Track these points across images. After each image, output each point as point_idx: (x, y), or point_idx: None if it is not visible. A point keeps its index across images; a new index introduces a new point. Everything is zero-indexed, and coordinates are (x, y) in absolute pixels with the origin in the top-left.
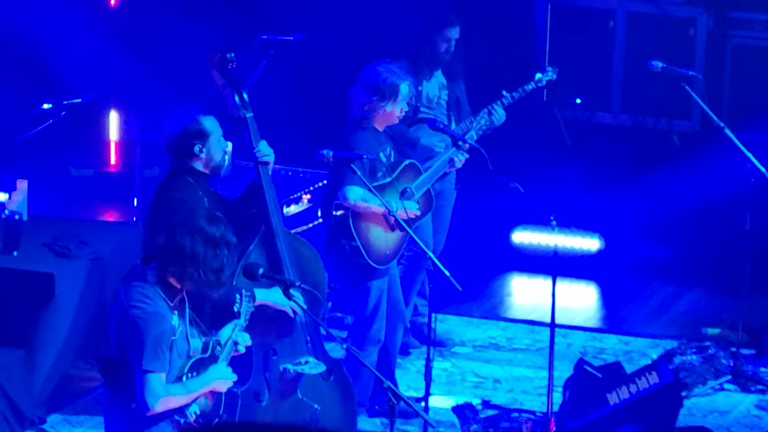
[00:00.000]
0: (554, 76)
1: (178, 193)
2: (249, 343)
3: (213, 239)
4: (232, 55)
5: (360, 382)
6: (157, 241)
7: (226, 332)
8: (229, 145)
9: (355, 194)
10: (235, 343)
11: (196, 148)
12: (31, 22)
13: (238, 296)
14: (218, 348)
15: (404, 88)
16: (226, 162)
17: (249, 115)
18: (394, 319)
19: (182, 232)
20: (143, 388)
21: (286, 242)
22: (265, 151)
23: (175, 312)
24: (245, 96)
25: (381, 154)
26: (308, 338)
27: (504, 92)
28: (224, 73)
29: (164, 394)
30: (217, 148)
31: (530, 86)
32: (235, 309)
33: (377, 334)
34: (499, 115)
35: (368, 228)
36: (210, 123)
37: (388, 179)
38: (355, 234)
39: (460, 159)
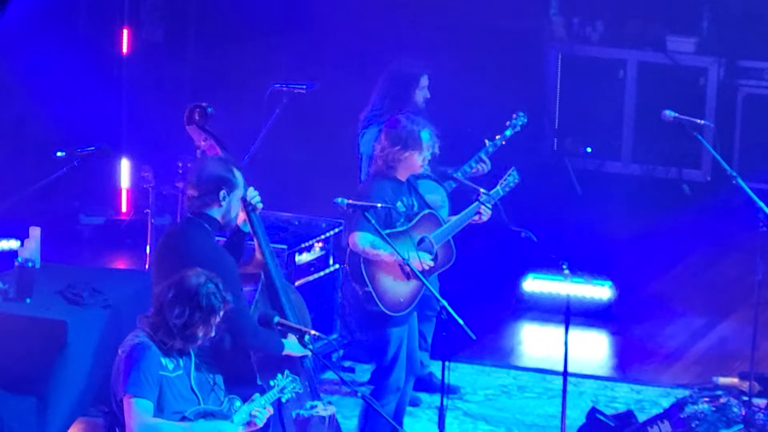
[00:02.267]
0: (525, 119)
1: (196, 241)
2: (267, 416)
3: (185, 293)
4: (212, 109)
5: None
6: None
7: (248, 404)
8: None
9: (365, 240)
10: (252, 416)
11: (222, 194)
12: (44, 69)
13: (280, 375)
14: (236, 404)
15: (426, 136)
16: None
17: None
18: (407, 370)
19: (168, 281)
20: (129, 414)
21: (284, 288)
22: (253, 195)
23: (173, 358)
24: (228, 150)
25: (399, 203)
26: (307, 383)
27: (486, 141)
28: (205, 128)
29: (152, 423)
30: (236, 204)
31: (509, 132)
32: (272, 383)
33: (396, 383)
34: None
35: (381, 275)
36: (240, 178)
37: (405, 228)
38: (367, 280)
39: (487, 212)
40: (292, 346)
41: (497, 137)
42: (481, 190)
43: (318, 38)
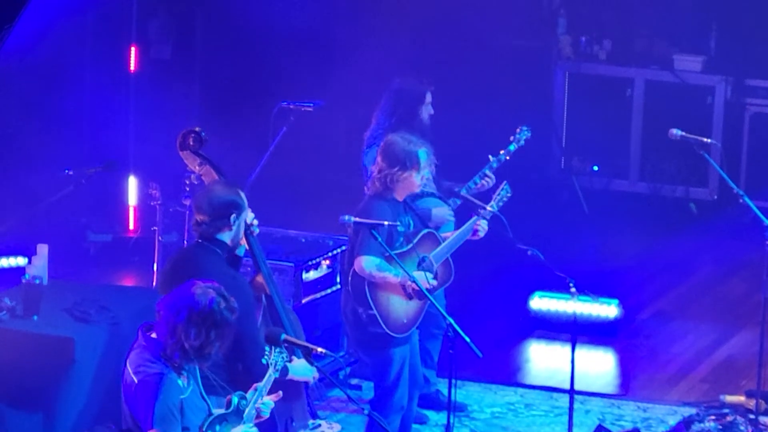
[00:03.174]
0: (528, 133)
1: (210, 267)
2: (271, 406)
3: (199, 314)
4: (205, 133)
5: None
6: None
7: (251, 393)
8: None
9: (371, 264)
10: (258, 410)
11: (232, 218)
12: (52, 86)
13: (267, 348)
14: (243, 402)
15: (423, 155)
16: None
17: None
18: (411, 387)
19: (174, 302)
20: None
21: (283, 307)
22: (252, 219)
23: (183, 373)
24: (223, 172)
25: (398, 224)
26: (308, 401)
27: (490, 156)
28: (199, 153)
29: None
30: (242, 227)
31: (513, 146)
32: (264, 361)
33: (400, 401)
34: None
35: (386, 297)
36: (245, 200)
37: (406, 248)
38: (371, 302)
39: (484, 228)
40: (295, 370)
41: (501, 152)
42: (487, 207)
43: (325, 56)
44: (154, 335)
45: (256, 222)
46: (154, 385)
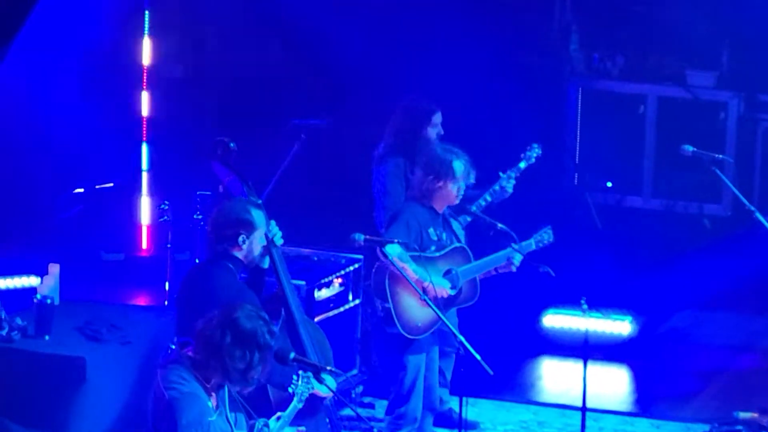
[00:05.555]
0: (539, 151)
1: (220, 282)
2: None
3: (244, 336)
4: (234, 144)
5: None
6: (196, 326)
7: (273, 422)
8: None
9: (394, 250)
10: None
11: (240, 239)
12: (64, 103)
13: (294, 377)
14: (265, 429)
15: (458, 166)
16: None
17: (258, 203)
18: (425, 405)
19: (217, 322)
20: None
21: (304, 323)
22: (275, 232)
23: (213, 394)
24: (250, 184)
25: (431, 230)
26: (327, 419)
27: (500, 173)
28: (228, 163)
29: None
30: (259, 243)
31: (523, 164)
32: (290, 390)
33: (413, 413)
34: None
35: (403, 294)
36: (258, 217)
37: (435, 255)
38: (389, 295)
39: (516, 263)
40: (319, 385)
41: (510, 170)
42: (500, 225)
43: (336, 73)
44: (190, 353)
45: (279, 234)
46: (185, 404)
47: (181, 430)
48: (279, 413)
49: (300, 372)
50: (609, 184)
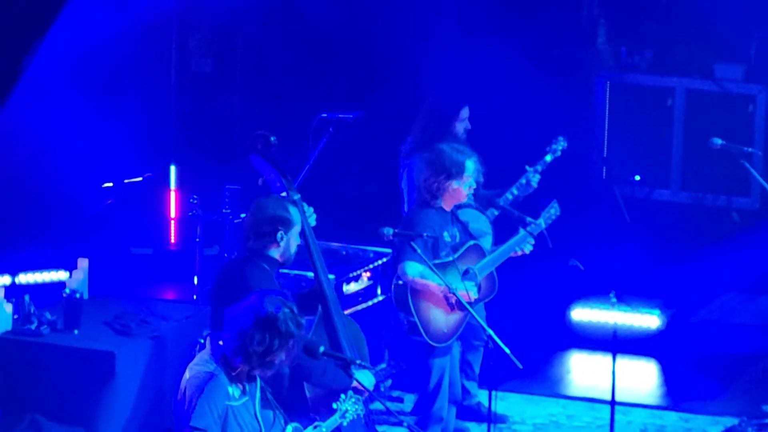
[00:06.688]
0: (565, 144)
1: (255, 282)
2: None
3: (266, 320)
4: (275, 138)
5: None
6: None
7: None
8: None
9: (414, 270)
10: None
11: (279, 235)
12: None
13: (342, 396)
14: None
15: (470, 164)
16: None
17: (297, 197)
18: (448, 398)
19: (243, 306)
20: None
21: (340, 319)
22: (310, 213)
23: (239, 384)
24: (290, 178)
25: (445, 233)
26: (363, 414)
27: (527, 167)
28: (268, 157)
29: None
30: (294, 241)
31: (549, 157)
32: (334, 406)
33: (439, 412)
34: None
35: (427, 306)
36: (296, 214)
37: (451, 258)
38: (413, 310)
39: (529, 247)
40: (362, 377)
41: (537, 163)
42: (528, 219)
43: (365, 67)
44: (221, 342)
45: (314, 216)
46: (202, 382)
47: (195, 407)
48: (318, 422)
49: (351, 392)
50: (637, 178)
